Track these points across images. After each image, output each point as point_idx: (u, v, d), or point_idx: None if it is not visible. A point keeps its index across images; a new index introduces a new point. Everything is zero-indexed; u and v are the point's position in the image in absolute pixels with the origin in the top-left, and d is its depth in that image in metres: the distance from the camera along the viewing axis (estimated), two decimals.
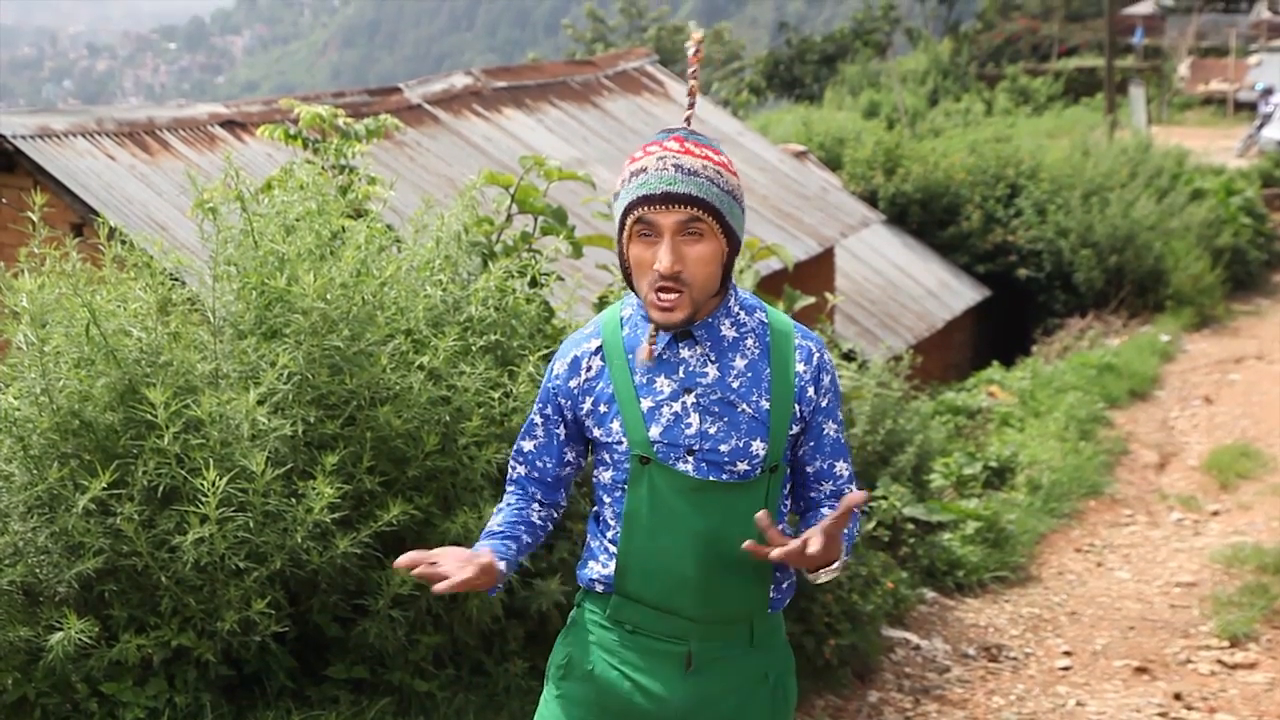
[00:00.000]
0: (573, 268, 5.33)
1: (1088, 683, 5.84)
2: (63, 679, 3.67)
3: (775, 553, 2.49)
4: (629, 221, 2.57)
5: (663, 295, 2.55)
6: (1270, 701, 5.55)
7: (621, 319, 2.72)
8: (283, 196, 4.21)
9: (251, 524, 3.60)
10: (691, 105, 2.68)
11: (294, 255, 3.95)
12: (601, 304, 5.18)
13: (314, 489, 3.64)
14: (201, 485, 3.46)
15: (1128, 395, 11.58)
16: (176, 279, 4.06)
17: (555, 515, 2.85)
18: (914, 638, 6.15)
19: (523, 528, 2.77)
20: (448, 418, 4.02)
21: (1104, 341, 13.96)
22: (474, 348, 4.15)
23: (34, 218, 3.84)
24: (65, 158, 8.28)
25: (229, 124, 9.58)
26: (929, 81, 34.22)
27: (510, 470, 2.85)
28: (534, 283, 4.68)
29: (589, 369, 2.70)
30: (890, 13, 41.94)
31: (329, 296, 3.83)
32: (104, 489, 3.53)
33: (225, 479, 3.48)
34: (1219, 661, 5.98)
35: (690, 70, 2.66)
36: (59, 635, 3.48)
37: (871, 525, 6.30)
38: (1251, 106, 29.13)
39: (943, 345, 15.35)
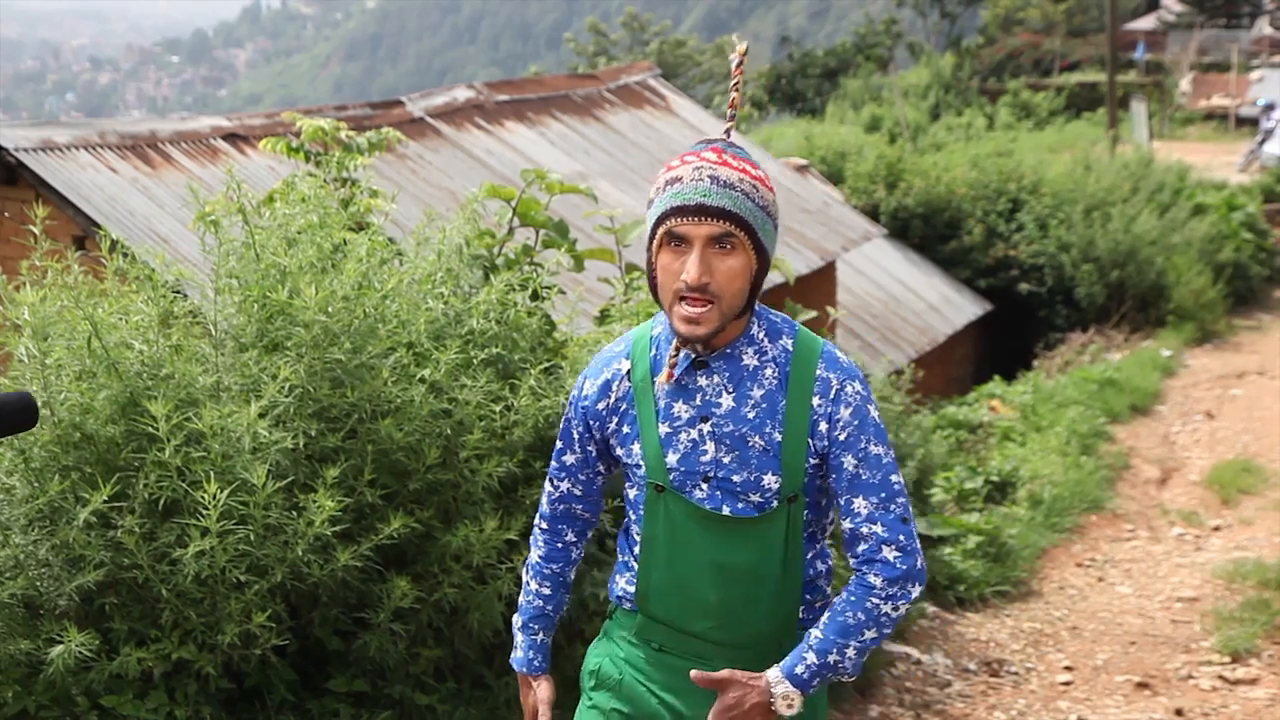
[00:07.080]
0: (574, 281, 5.33)
1: (1089, 698, 5.82)
2: (63, 692, 3.66)
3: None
4: (660, 231, 2.51)
5: (689, 306, 2.48)
6: (1272, 717, 5.54)
7: (651, 338, 2.68)
8: (284, 209, 4.21)
9: (252, 537, 3.60)
10: (732, 118, 2.63)
11: (295, 268, 3.95)
12: (603, 317, 5.18)
13: (315, 502, 3.63)
14: (202, 498, 3.46)
15: (1129, 410, 11.57)
16: (178, 292, 4.06)
17: (593, 523, 2.88)
18: (915, 652, 6.14)
19: (561, 588, 2.88)
20: (449, 431, 4.02)
21: (1105, 356, 13.96)
22: (475, 361, 4.15)
23: (36, 230, 3.85)
24: (67, 171, 8.29)
25: (231, 137, 9.60)
26: (931, 96, 34.30)
27: (549, 489, 2.84)
28: (535, 296, 4.68)
29: (618, 390, 2.67)
30: (892, 27, 41.99)
31: (330, 309, 3.83)
32: (105, 502, 3.53)
33: (226, 492, 3.48)
34: (1220, 677, 5.96)
35: (733, 83, 2.63)
36: (59, 648, 3.48)
37: None
38: (1253, 122, 29.18)
39: (944, 359, 15.35)
